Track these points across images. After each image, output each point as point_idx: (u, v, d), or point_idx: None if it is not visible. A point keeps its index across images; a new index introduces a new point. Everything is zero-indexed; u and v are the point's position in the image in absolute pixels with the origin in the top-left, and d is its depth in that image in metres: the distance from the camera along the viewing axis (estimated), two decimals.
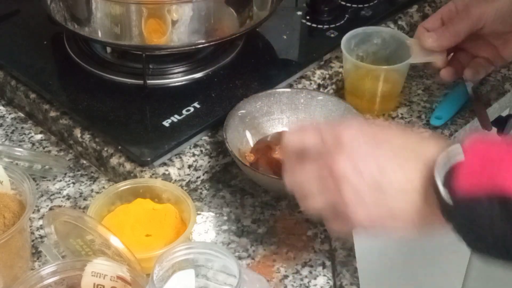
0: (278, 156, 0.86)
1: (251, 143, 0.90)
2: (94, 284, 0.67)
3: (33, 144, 0.95)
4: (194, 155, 0.88)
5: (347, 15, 1.08)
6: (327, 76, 1.00)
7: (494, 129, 1.00)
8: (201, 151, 0.89)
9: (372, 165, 0.64)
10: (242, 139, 0.90)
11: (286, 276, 0.79)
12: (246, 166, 0.84)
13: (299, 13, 1.10)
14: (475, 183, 0.58)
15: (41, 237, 0.82)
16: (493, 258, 0.62)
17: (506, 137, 0.61)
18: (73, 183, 0.90)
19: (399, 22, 1.10)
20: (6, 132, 0.96)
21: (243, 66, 0.99)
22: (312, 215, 0.71)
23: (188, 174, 0.87)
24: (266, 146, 0.89)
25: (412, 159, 0.64)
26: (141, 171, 0.86)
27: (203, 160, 0.89)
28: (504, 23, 0.90)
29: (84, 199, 0.87)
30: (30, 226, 0.83)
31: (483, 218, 0.58)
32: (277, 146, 0.87)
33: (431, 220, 0.64)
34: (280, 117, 0.92)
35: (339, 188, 0.65)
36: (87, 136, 0.90)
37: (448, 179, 0.60)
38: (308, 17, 1.09)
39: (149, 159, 0.85)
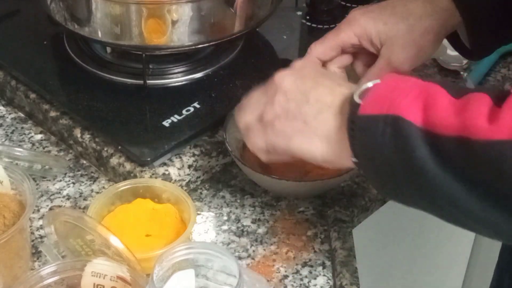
0: None
1: None
2: (94, 284, 0.67)
3: (33, 144, 0.95)
4: (194, 155, 0.88)
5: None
6: None
7: None
8: (201, 151, 0.89)
9: (308, 83, 0.71)
10: (242, 139, 0.90)
11: (286, 276, 0.79)
12: (246, 166, 0.84)
13: (299, 13, 1.10)
14: (376, 106, 0.62)
15: (41, 237, 0.82)
16: (388, 193, 0.66)
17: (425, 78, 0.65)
18: (73, 183, 0.90)
19: None
20: (6, 132, 0.96)
21: (243, 66, 0.99)
22: (240, 127, 0.77)
23: (188, 174, 0.87)
24: None
25: (344, 87, 0.69)
26: (141, 171, 0.86)
27: (203, 160, 0.89)
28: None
29: (84, 199, 0.87)
30: (30, 226, 0.83)
31: (376, 137, 0.61)
32: None
33: (337, 137, 0.67)
34: None
35: (274, 96, 0.71)
36: (87, 136, 0.90)
37: (360, 99, 0.64)
38: (308, 17, 1.09)
39: (149, 159, 0.85)
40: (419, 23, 0.80)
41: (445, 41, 1.04)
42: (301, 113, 0.69)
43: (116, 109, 0.91)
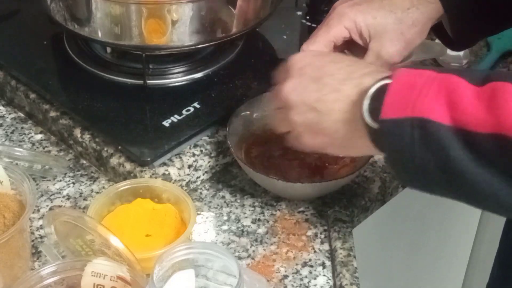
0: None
1: (256, 144, 0.90)
2: (94, 284, 0.67)
3: (33, 144, 0.95)
4: (194, 155, 0.88)
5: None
6: None
7: None
8: (201, 151, 0.89)
9: (312, 92, 0.70)
10: (246, 140, 0.90)
11: (286, 276, 0.79)
12: (248, 167, 0.84)
13: (299, 13, 1.10)
14: (398, 108, 0.61)
15: (41, 237, 0.82)
16: (417, 187, 0.65)
17: (432, 68, 0.64)
18: (73, 183, 0.90)
19: None
20: (6, 132, 0.96)
21: (243, 66, 0.99)
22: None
23: (188, 174, 0.87)
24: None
25: (349, 86, 0.68)
26: (141, 171, 0.86)
27: (203, 160, 0.89)
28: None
29: (84, 199, 0.87)
30: (30, 226, 0.83)
31: (404, 140, 0.61)
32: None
33: (363, 142, 0.67)
34: None
35: (287, 113, 0.72)
36: (87, 136, 0.90)
37: (374, 105, 0.64)
38: (308, 17, 1.09)
39: (149, 159, 0.85)
40: (407, 16, 0.81)
41: None
42: (321, 128, 0.70)
43: (116, 109, 0.91)
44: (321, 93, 0.70)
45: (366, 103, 0.65)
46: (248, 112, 0.90)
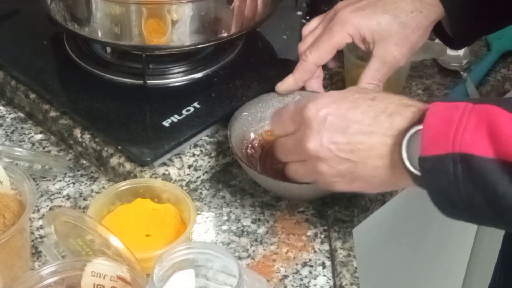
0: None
1: (256, 144, 0.90)
2: (94, 284, 0.67)
3: (33, 144, 0.95)
4: (194, 155, 0.88)
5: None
6: (327, 76, 1.00)
7: None
8: (201, 151, 0.89)
9: (342, 144, 0.68)
10: (247, 140, 0.90)
11: (286, 276, 0.79)
12: (249, 167, 0.84)
13: (299, 13, 1.10)
14: (437, 145, 0.60)
15: (41, 237, 0.82)
16: (466, 221, 0.63)
17: (467, 99, 0.63)
18: (73, 183, 0.90)
19: None
20: (6, 132, 0.96)
21: (243, 66, 0.99)
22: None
23: (188, 174, 0.87)
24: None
25: (379, 130, 0.67)
26: (141, 171, 0.86)
27: (203, 160, 0.89)
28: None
29: (84, 199, 0.87)
30: (30, 226, 0.83)
31: (448, 177, 0.59)
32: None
33: (404, 183, 0.66)
34: None
35: (316, 166, 0.71)
36: (87, 136, 0.90)
37: (412, 148, 0.63)
38: (308, 17, 1.08)
39: (149, 159, 0.85)
40: (411, 20, 0.81)
41: None
42: (358, 176, 0.69)
43: (116, 109, 0.91)
44: (353, 144, 0.68)
45: (404, 149, 0.63)
46: (248, 112, 0.90)
